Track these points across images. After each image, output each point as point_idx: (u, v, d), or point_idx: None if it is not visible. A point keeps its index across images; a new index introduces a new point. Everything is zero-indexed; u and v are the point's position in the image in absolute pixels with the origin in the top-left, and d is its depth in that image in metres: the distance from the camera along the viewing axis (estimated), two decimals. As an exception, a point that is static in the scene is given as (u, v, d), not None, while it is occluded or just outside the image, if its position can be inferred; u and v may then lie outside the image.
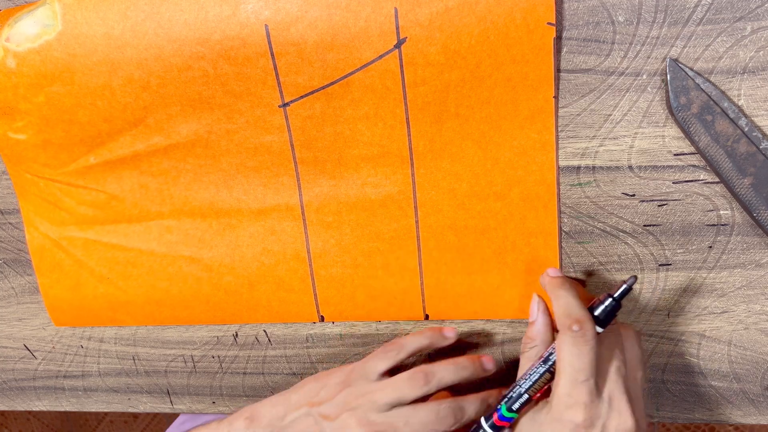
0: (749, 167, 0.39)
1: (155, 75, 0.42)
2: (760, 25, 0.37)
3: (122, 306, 0.51)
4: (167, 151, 0.45)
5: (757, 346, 0.45)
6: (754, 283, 0.43)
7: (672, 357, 0.46)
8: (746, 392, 0.46)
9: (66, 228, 0.49)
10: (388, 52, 0.40)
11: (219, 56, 0.41)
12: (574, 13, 0.38)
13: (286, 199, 0.45)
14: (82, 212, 0.48)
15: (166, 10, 0.41)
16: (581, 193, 0.42)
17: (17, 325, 0.55)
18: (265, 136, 0.43)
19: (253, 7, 0.40)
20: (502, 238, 0.44)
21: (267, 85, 0.42)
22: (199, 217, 0.47)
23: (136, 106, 0.43)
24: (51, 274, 0.51)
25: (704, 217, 0.42)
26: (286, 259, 0.47)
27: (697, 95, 0.38)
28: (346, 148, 0.43)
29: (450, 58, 0.39)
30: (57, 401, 0.58)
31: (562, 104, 0.40)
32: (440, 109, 0.41)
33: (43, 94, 0.44)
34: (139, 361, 0.54)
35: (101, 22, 0.41)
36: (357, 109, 0.42)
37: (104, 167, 0.46)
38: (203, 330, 0.52)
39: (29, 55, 0.43)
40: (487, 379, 0.45)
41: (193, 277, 0.49)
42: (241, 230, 0.47)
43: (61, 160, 0.46)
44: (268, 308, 0.49)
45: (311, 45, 0.40)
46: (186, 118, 0.43)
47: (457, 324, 0.48)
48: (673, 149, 0.40)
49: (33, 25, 0.42)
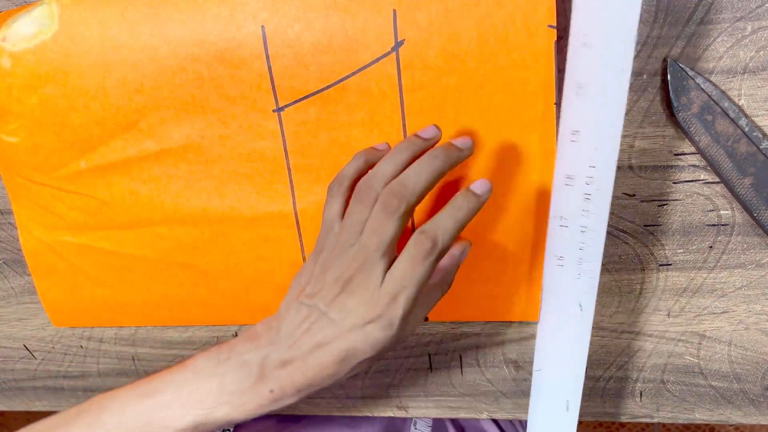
0: (749, 167, 0.39)
1: (149, 77, 0.42)
2: (760, 25, 0.37)
3: (121, 307, 0.51)
4: (159, 157, 0.44)
5: (757, 346, 0.45)
6: (754, 283, 0.43)
7: (672, 357, 0.46)
8: (746, 392, 0.46)
9: (59, 233, 0.48)
10: (385, 54, 0.39)
11: (214, 58, 0.41)
12: (574, 13, 0.38)
13: (280, 207, 0.44)
14: (74, 217, 0.48)
15: (163, 10, 0.40)
16: (581, 193, 0.42)
17: (17, 325, 0.55)
18: (258, 142, 0.43)
19: (251, 7, 0.40)
20: (501, 245, 0.44)
21: (261, 88, 0.41)
22: (191, 225, 0.46)
23: (129, 109, 0.43)
24: (47, 277, 0.51)
25: (704, 217, 0.42)
26: (282, 266, 0.46)
27: (697, 95, 0.38)
28: (340, 155, 0.42)
29: (449, 61, 0.39)
30: (57, 401, 0.58)
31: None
32: (438, 116, 0.40)
33: (36, 95, 0.43)
34: (138, 362, 0.54)
35: (98, 23, 0.41)
36: (352, 114, 0.41)
37: (95, 173, 0.46)
38: (203, 330, 0.52)
39: (24, 56, 0.42)
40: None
41: (189, 281, 0.48)
42: (234, 238, 0.46)
43: (52, 165, 0.46)
44: (266, 311, 0.49)
45: (307, 47, 0.40)
46: (179, 123, 0.43)
47: (457, 324, 0.48)
48: (674, 149, 0.40)
49: (30, 25, 0.42)
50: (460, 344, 0.49)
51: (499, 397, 0.50)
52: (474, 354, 0.49)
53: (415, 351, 0.50)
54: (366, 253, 0.36)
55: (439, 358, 0.49)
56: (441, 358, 0.49)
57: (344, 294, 0.36)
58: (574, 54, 0.34)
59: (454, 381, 0.50)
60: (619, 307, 0.45)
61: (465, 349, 0.49)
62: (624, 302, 0.45)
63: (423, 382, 0.50)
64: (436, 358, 0.49)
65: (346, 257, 0.36)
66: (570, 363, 0.42)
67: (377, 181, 0.36)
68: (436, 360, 0.49)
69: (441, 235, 0.35)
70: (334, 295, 0.36)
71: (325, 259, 0.37)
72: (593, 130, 0.35)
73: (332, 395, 0.53)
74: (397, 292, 0.35)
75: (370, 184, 0.36)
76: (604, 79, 0.34)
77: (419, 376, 0.50)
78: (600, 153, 0.36)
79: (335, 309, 0.36)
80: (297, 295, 0.38)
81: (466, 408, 0.51)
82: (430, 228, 0.36)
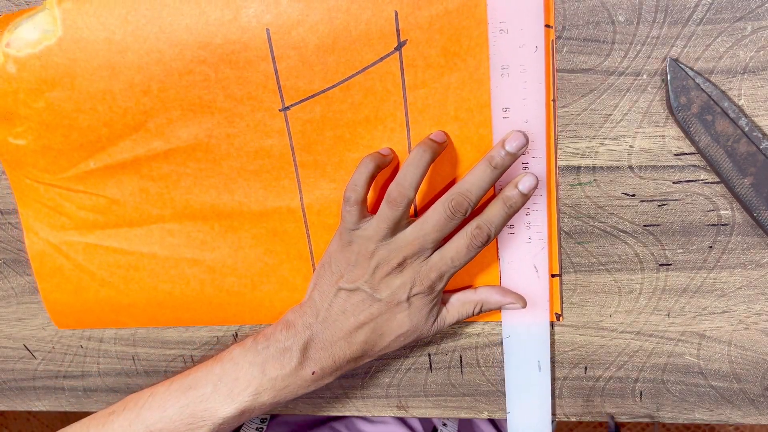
0: (749, 167, 0.39)
1: (156, 79, 0.42)
2: (760, 24, 0.37)
3: (124, 309, 0.51)
4: (167, 156, 0.45)
5: (757, 346, 0.45)
6: (754, 283, 0.43)
7: (672, 357, 0.46)
8: (746, 392, 0.46)
9: (66, 233, 0.49)
10: (388, 54, 0.40)
11: (220, 60, 0.41)
12: (575, 13, 0.38)
13: (287, 202, 0.45)
14: (83, 217, 0.48)
15: (167, 14, 0.41)
16: (581, 193, 0.42)
17: (17, 325, 0.55)
18: (265, 140, 0.43)
19: (254, 11, 0.40)
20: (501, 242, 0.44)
21: (268, 89, 0.42)
22: (200, 220, 0.47)
23: (136, 110, 0.43)
24: (51, 278, 0.51)
25: (704, 217, 0.42)
26: (290, 259, 0.47)
27: (697, 95, 0.38)
28: (346, 152, 0.43)
29: (450, 60, 0.39)
30: (57, 401, 0.58)
31: (562, 104, 0.40)
32: (440, 112, 0.41)
33: (43, 99, 0.43)
34: (138, 361, 0.54)
35: (102, 27, 0.41)
36: (357, 112, 0.42)
37: (104, 172, 0.46)
38: (203, 330, 0.52)
39: (29, 61, 0.42)
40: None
41: (195, 279, 0.49)
42: (243, 232, 0.47)
43: (61, 166, 0.46)
44: (270, 308, 0.49)
45: (312, 48, 0.40)
46: (186, 123, 0.43)
47: (457, 324, 0.48)
48: (674, 149, 0.40)
49: (33, 31, 0.42)
50: (460, 344, 0.49)
51: (499, 397, 0.50)
52: (474, 354, 0.49)
53: (415, 351, 0.50)
54: (424, 244, 0.40)
55: (439, 358, 0.49)
56: (441, 358, 0.49)
57: (391, 275, 0.41)
58: (494, 40, 0.39)
59: (454, 381, 0.50)
60: (619, 307, 0.45)
61: (465, 349, 0.49)
62: (624, 302, 0.45)
63: (423, 382, 0.51)
64: (436, 358, 0.49)
65: (395, 246, 0.41)
66: (535, 326, 0.46)
67: (407, 188, 0.40)
68: (436, 360, 0.50)
69: (494, 229, 0.41)
70: (381, 277, 0.41)
71: (362, 250, 0.41)
72: (520, 107, 0.40)
73: (332, 395, 0.53)
74: (444, 271, 0.41)
75: (401, 191, 0.40)
76: (522, 58, 0.39)
77: (419, 376, 0.50)
78: (530, 125, 0.40)
79: (382, 288, 0.41)
80: (334, 283, 0.42)
81: (466, 408, 0.51)
82: (484, 223, 0.40)
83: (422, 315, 0.42)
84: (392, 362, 0.50)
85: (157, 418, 0.43)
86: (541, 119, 0.40)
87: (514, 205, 0.40)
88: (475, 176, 0.40)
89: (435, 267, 0.41)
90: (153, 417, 0.43)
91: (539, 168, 0.41)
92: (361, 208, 0.41)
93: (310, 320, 0.43)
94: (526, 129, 0.40)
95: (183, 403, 0.43)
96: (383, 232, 0.40)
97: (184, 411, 0.42)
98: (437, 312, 0.44)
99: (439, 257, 0.41)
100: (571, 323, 0.46)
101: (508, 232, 0.44)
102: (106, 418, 0.44)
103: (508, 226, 0.43)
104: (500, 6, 0.38)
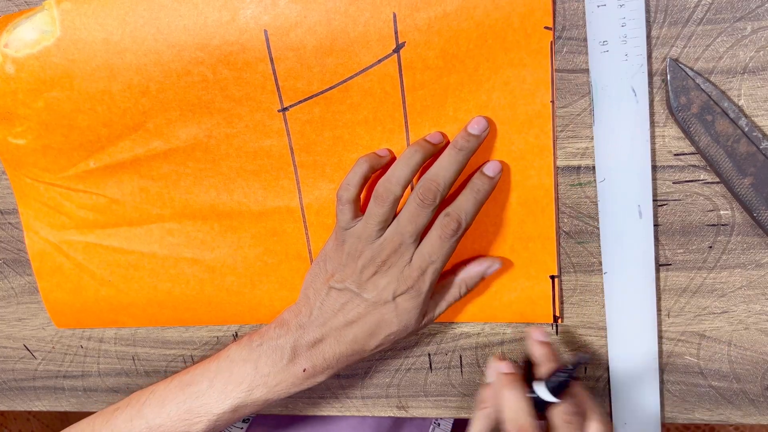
0: (749, 167, 0.39)
1: (154, 80, 0.42)
2: (760, 25, 0.37)
3: (124, 308, 0.51)
4: (167, 156, 0.45)
5: (757, 346, 0.45)
6: (754, 283, 0.43)
7: (672, 357, 0.46)
8: (746, 392, 0.46)
9: (66, 232, 0.49)
10: (387, 56, 0.40)
11: (218, 61, 0.41)
12: (574, 13, 0.38)
13: (287, 202, 0.45)
14: (83, 216, 0.48)
15: (165, 15, 0.41)
16: (581, 193, 0.42)
17: (17, 325, 0.55)
18: (264, 140, 0.43)
19: (252, 12, 0.40)
20: (500, 243, 0.44)
21: (266, 89, 0.42)
22: (200, 220, 0.47)
23: (135, 111, 0.43)
24: (51, 278, 0.51)
25: (704, 217, 0.42)
26: (289, 258, 0.47)
27: (697, 95, 0.38)
28: (345, 152, 0.43)
29: (448, 62, 0.39)
30: (57, 401, 0.58)
31: (561, 104, 0.40)
32: (438, 113, 0.41)
33: (42, 99, 0.43)
34: (138, 361, 0.54)
35: (100, 28, 0.41)
36: (356, 113, 0.42)
37: (104, 171, 0.46)
38: (203, 330, 0.52)
39: (28, 61, 0.42)
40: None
41: (195, 278, 0.49)
42: (242, 231, 0.47)
43: (61, 165, 0.46)
44: (269, 308, 0.49)
45: (310, 50, 0.40)
46: (185, 123, 0.43)
47: (457, 324, 0.48)
48: (673, 149, 0.40)
49: (31, 31, 0.42)
50: (460, 344, 0.49)
51: (499, 397, 0.50)
52: (474, 354, 0.49)
53: (415, 351, 0.50)
54: (402, 238, 0.40)
55: (439, 358, 0.49)
56: (441, 358, 0.49)
57: (377, 275, 0.41)
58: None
59: (454, 381, 0.50)
60: (619, 307, 0.45)
61: (465, 349, 0.49)
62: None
63: (423, 382, 0.51)
64: (436, 358, 0.49)
65: (378, 244, 0.41)
66: (633, 165, 0.40)
67: (395, 184, 0.40)
68: (436, 360, 0.50)
69: (464, 216, 0.40)
70: (367, 277, 0.41)
71: (352, 249, 0.41)
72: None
73: (332, 395, 0.53)
74: (425, 267, 0.41)
75: (388, 187, 0.40)
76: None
77: (419, 376, 0.50)
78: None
79: (368, 288, 0.42)
80: (325, 281, 0.43)
81: (466, 408, 0.51)
82: (453, 211, 0.40)
83: (411, 316, 0.42)
84: (392, 362, 0.50)
85: (157, 414, 0.44)
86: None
87: (481, 189, 0.41)
88: (441, 162, 0.40)
89: (415, 265, 0.41)
90: (153, 413, 0.44)
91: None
92: (353, 207, 0.41)
93: (303, 318, 0.43)
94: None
95: (181, 399, 0.43)
96: (372, 231, 0.40)
97: (182, 407, 0.43)
98: (426, 308, 0.43)
99: (418, 254, 0.41)
100: (571, 323, 0.46)
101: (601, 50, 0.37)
102: (110, 415, 0.45)
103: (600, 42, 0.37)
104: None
